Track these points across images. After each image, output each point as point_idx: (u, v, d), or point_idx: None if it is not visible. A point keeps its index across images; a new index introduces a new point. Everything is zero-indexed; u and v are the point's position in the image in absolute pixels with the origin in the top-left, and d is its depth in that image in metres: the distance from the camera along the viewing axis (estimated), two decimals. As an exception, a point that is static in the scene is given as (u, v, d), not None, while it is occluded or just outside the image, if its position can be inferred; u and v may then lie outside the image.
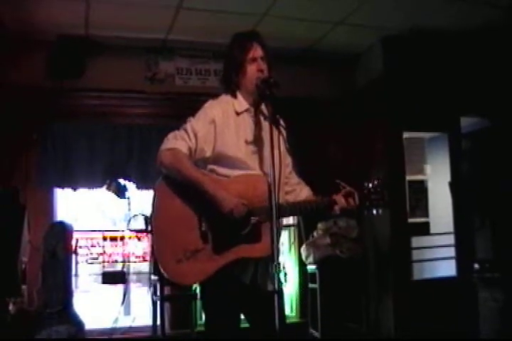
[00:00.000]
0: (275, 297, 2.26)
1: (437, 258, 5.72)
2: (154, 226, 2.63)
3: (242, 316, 2.75)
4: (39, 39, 5.29)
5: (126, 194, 5.34)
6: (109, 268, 5.65)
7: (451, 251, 5.66)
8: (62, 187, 5.42)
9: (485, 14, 5.10)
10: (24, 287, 4.75)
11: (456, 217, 5.70)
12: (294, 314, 6.09)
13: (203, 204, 2.55)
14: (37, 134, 5.30)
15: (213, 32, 5.28)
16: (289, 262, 6.18)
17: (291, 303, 6.11)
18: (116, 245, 5.64)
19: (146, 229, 5.00)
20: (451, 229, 5.70)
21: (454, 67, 5.68)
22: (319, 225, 5.71)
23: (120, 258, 5.63)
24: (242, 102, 2.75)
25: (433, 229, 5.95)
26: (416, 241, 5.62)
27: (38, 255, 4.90)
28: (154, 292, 4.96)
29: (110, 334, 5.28)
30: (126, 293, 5.53)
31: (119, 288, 5.71)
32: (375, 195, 2.71)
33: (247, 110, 2.75)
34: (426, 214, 5.99)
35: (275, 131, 2.47)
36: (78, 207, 8.07)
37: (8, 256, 4.37)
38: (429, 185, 6.05)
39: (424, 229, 5.91)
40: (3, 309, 4.39)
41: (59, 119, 5.34)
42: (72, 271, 5.14)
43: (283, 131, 2.64)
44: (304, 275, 5.93)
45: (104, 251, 5.61)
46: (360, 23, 5.27)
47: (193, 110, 2.74)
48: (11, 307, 4.49)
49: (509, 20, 5.21)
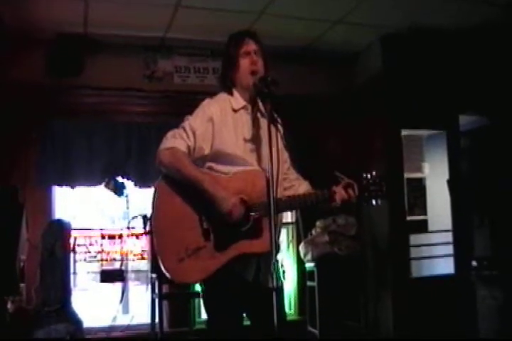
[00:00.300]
0: (274, 294, 2.26)
1: (436, 256, 5.73)
2: (155, 225, 2.62)
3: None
4: (38, 37, 5.28)
5: (125, 192, 5.33)
6: (107, 267, 5.65)
7: (450, 249, 5.67)
8: (60, 185, 5.41)
9: (483, 12, 5.10)
10: (22, 285, 4.74)
11: (454, 214, 5.71)
12: (292, 312, 6.10)
13: (203, 203, 2.54)
14: (36, 132, 5.29)
15: (212, 30, 5.27)
16: (287, 260, 6.18)
17: (290, 301, 6.12)
18: (114, 243, 5.64)
19: (145, 228, 4.99)
20: (450, 227, 5.70)
21: (453, 65, 5.68)
22: (318, 223, 5.71)
23: (118, 257, 5.63)
24: (238, 99, 2.75)
25: (431, 227, 5.96)
26: (414, 239, 5.63)
27: (37, 253, 4.89)
28: (153, 290, 4.95)
29: (109, 333, 5.28)
30: (124, 291, 5.52)
31: (118, 286, 5.72)
32: (373, 186, 2.74)
33: (244, 107, 2.75)
34: (424, 211, 6.02)
35: (273, 128, 2.48)
36: (76, 205, 8.06)
37: (7, 255, 4.36)
38: (428, 182, 6.07)
39: (422, 227, 5.93)
40: (2, 307, 4.38)
41: (58, 117, 5.34)
42: (71, 269, 5.14)
43: (280, 127, 2.64)
44: (303, 273, 5.94)
45: (102, 249, 5.61)
46: (358, 21, 5.27)
47: (192, 108, 2.74)
48: (10, 305, 4.49)
49: (507, 19, 5.22)
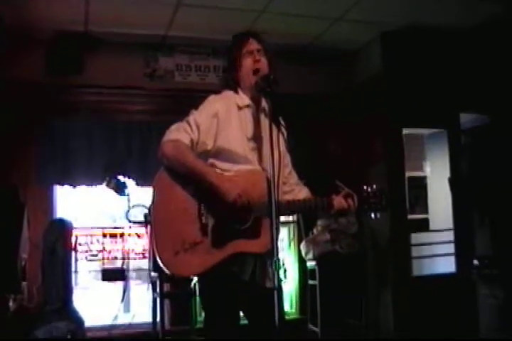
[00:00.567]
0: (274, 294, 2.25)
1: (437, 255, 5.71)
2: (154, 217, 2.61)
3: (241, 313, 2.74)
4: (38, 36, 5.27)
5: (126, 191, 5.32)
6: (108, 265, 5.66)
7: (451, 248, 5.66)
8: (61, 184, 5.41)
9: (485, 10, 5.09)
10: (24, 284, 4.74)
11: (455, 213, 5.70)
12: (293, 310, 6.10)
13: (204, 197, 2.54)
14: (36, 131, 5.29)
15: (213, 28, 5.28)
16: (288, 258, 6.18)
17: (291, 300, 6.12)
18: (115, 242, 5.65)
19: (145, 221, 4.98)
20: (451, 226, 5.69)
21: (454, 63, 5.67)
22: (319, 222, 5.71)
23: (120, 255, 5.63)
24: (243, 97, 2.75)
25: (432, 226, 5.95)
26: (415, 238, 5.62)
27: (38, 252, 4.90)
28: (154, 289, 4.95)
29: (110, 331, 5.28)
30: (125, 290, 5.53)
31: (119, 285, 5.72)
32: (373, 199, 2.72)
33: (249, 106, 2.74)
34: (425, 210, 6.00)
35: (275, 129, 2.46)
36: (78, 204, 8.06)
37: (8, 253, 4.36)
38: (429, 181, 6.05)
39: (423, 226, 5.92)
40: (3, 306, 4.39)
41: (58, 116, 5.34)
42: (72, 268, 5.14)
43: (283, 130, 2.63)
44: (304, 272, 5.94)
45: (103, 248, 5.61)
46: (358, 19, 5.26)
47: (193, 106, 2.73)
48: (11, 304, 4.50)
49: (508, 16, 5.20)
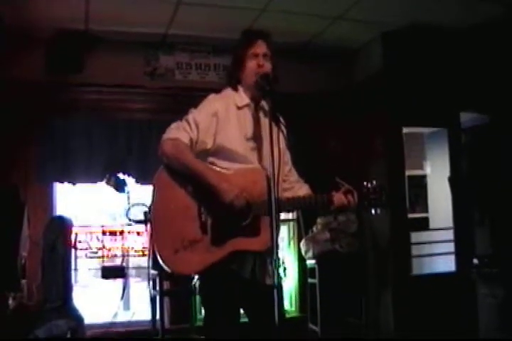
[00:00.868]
0: (274, 292, 2.26)
1: (437, 254, 5.72)
2: (154, 215, 2.63)
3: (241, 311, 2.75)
4: (38, 35, 5.27)
5: (126, 188, 5.32)
6: (108, 263, 5.65)
7: (451, 247, 5.66)
8: (61, 181, 5.42)
9: (485, 10, 5.08)
10: (24, 282, 4.75)
11: (455, 212, 5.70)
12: (293, 309, 6.11)
13: (204, 195, 2.55)
14: (36, 130, 5.29)
15: (213, 27, 5.26)
16: (288, 257, 6.19)
17: (291, 298, 6.13)
18: (115, 239, 5.64)
19: (145, 220, 4.98)
20: (451, 225, 5.69)
21: (454, 62, 5.67)
22: (319, 220, 5.72)
23: (119, 253, 5.63)
24: (243, 97, 2.76)
25: (432, 225, 5.96)
26: (415, 237, 5.62)
27: (38, 250, 4.91)
28: (154, 286, 4.95)
29: (109, 329, 5.29)
30: (125, 288, 5.53)
31: (119, 282, 5.72)
32: (373, 195, 2.70)
33: (248, 105, 2.75)
34: (425, 209, 6.01)
35: (275, 127, 2.47)
36: (77, 201, 8.06)
37: (8, 251, 4.37)
38: (429, 180, 6.06)
39: (423, 225, 5.92)
40: (3, 304, 4.39)
41: (58, 115, 5.33)
42: (72, 266, 5.14)
43: (283, 128, 2.64)
44: (304, 270, 5.94)
45: (103, 246, 5.61)
46: (359, 18, 5.25)
47: (193, 105, 2.74)
48: (11, 301, 4.50)
49: (509, 16, 5.19)
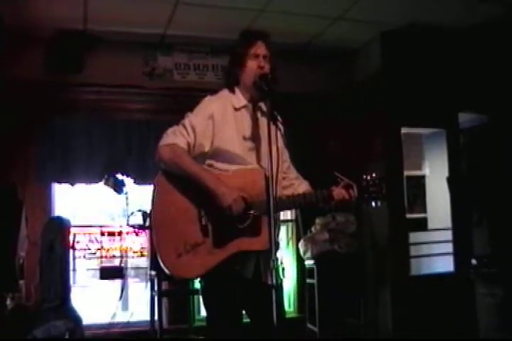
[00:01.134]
0: (273, 291, 2.28)
1: (435, 254, 5.72)
2: (154, 220, 2.63)
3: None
4: (38, 35, 5.26)
5: (124, 189, 5.32)
6: (106, 264, 5.65)
7: (449, 247, 5.67)
8: (60, 182, 5.41)
9: (485, 10, 5.09)
10: (22, 282, 4.75)
11: (454, 212, 5.70)
12: (291, 309, 6.10)
13: (203, 198, 2.55)
14: (36, 130, 5.29)
15: (212, 27, 5.25)
16: (287, 257, 6.18)
17: (289, 298, 6.12)
18: (114, 240, 5.65)
19: (144, 224, 4.99)
20: (449, 225, 5.69)
21: (453, 62, 5.67)
22: (317, 220, 5.71)
23: (118, 254, 5.63)
24: (240, 98, 2.75)
25: (431, 225, 5.95)
26: (414, 237, 5.62)
27: (36, 250, 4.90)
28: (152, 287, 4.95)
29: (108, 330, 5.28)
30: (123, 288, 5.53)
31: (117, 283, 5.72)
32: (373, 188, 2.70)
33: (245, 106, 2.75)
34: (424, 209, 6.00)
35: (273, 126, 2.48)
36: (76, 202, 8.05)
37: (6, 252, 4.36)
38: (427, 180, 6.05)
39: (422, 225, 5.92)
40: (1, 304, 4.38)
41: (58, 114, 5.33)
42: (70, 266, 5.14)
43: (280, 126, 2.64)
44: (302, 271, 5.94)
45: (101, 246, 5.61)
46: (358, 18, 5.26)
47: (191, 105, 2.74)
48: (9, 302, 4.49)
49: (509, 16, 5.19)
